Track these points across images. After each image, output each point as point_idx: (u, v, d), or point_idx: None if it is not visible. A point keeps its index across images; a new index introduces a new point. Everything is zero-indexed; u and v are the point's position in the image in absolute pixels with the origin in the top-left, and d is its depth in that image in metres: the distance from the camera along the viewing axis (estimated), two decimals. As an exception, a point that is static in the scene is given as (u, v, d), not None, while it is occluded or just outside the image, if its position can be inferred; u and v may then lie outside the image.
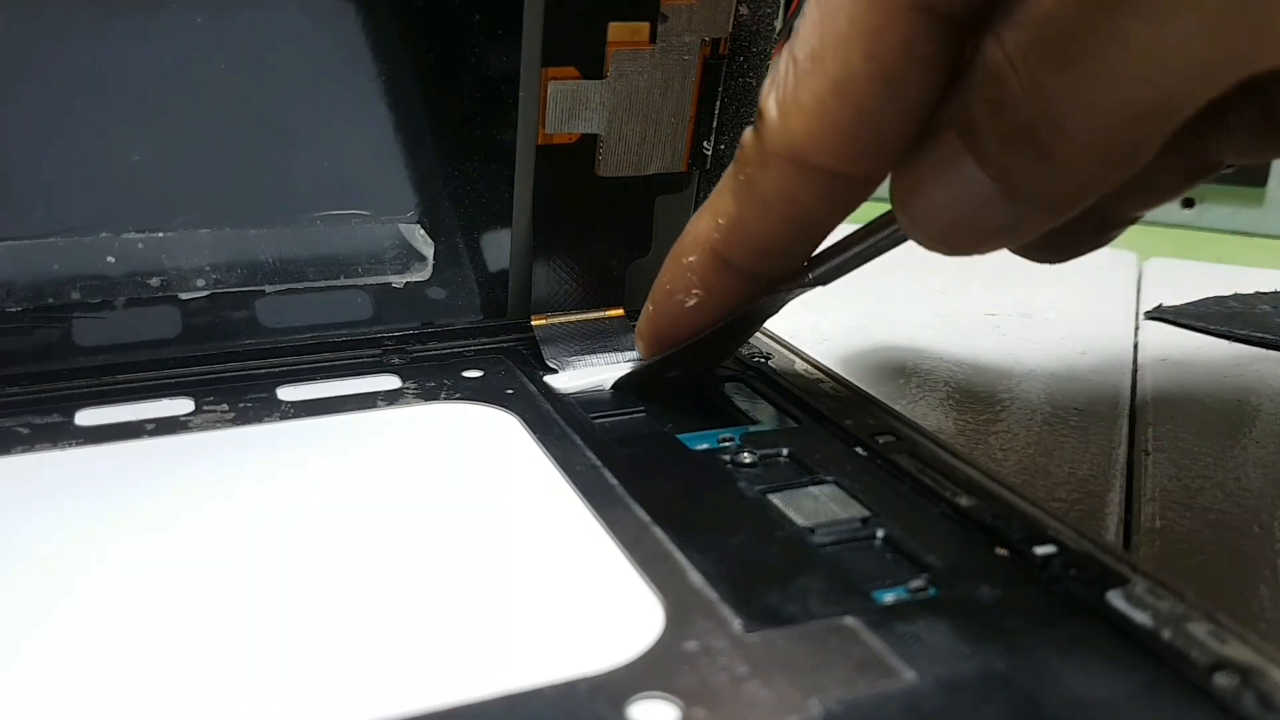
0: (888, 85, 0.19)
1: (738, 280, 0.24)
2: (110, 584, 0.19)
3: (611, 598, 0.18)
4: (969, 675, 0.16)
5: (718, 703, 0.16)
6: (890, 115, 0.20)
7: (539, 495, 0.22)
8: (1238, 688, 0.16)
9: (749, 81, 0.29)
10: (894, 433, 0.24)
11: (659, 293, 0.25)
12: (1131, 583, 0.18)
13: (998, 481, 0.22)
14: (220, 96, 0.25)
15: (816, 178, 0.21)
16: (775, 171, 0.21)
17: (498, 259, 0.29)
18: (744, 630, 0.17)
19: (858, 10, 0.19)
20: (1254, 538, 0.24)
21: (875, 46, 0.19)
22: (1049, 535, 0.20)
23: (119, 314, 0.26)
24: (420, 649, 0.17)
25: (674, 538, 0.20)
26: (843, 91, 0.19)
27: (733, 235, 0.23)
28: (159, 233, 0.26)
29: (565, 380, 0.27)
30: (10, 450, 0.23)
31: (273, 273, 0.27)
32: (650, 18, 0.27)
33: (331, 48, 0.26)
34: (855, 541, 0.20)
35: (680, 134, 0.29)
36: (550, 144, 0.28)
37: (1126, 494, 0.26)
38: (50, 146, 0.25)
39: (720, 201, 0.23)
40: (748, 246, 0.23)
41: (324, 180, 0.27)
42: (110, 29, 0.24)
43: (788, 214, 0.22)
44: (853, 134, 0.20)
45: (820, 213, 0.22)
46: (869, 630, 0.17)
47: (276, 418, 0.25)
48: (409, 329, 0.29)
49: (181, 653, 0.17)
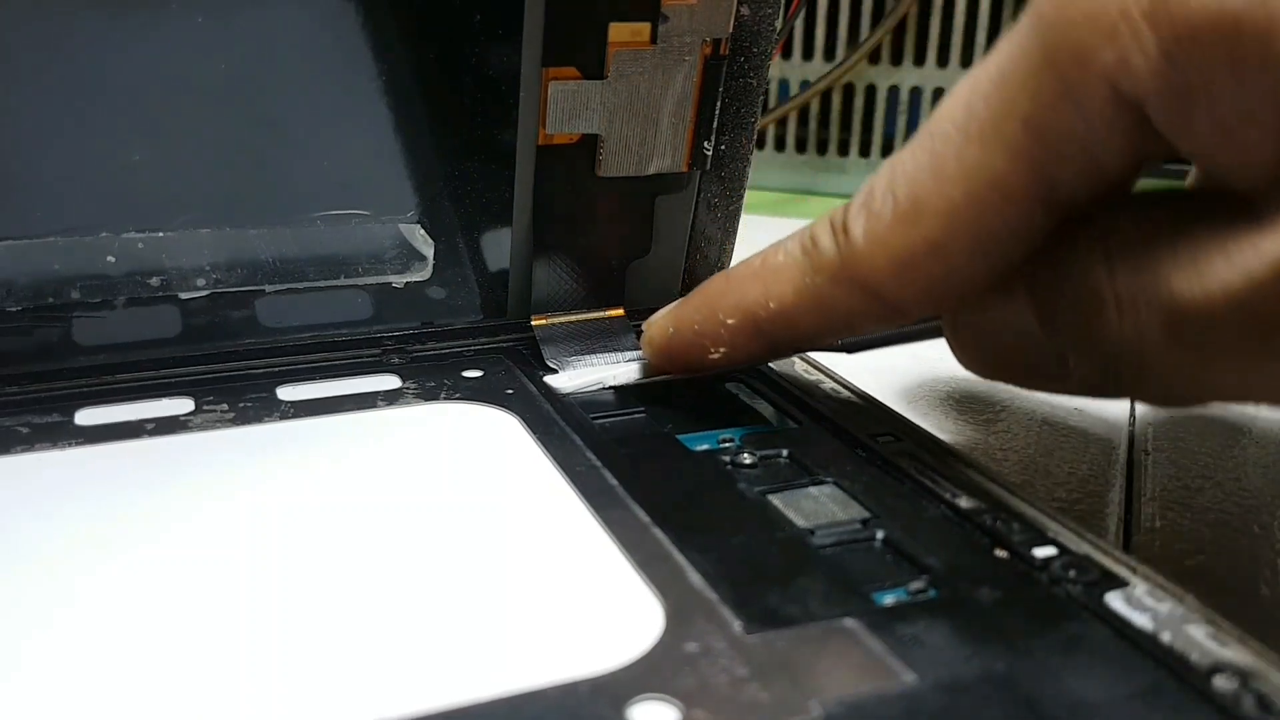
0: (985, 257, 0.19)
1: (767, 348, 0.24)
2: (110, 584, 0.19)
3: (611, 599, 0.18)
4: (969, 677, 0.16)
5: (718, 704, 0.16)
6: (976, 277, 0.20)
7: (539, 495, 0.22)
8: (1237, 690, 0.16)
9: (749, 82, 0.29)
10: (894, 433, 0.24)
11: (686, 330, 0.24)
12: (1131, 585, 0.18)
13: (998, 483, 0.22)
14: (220, 96, 0.25)
15: (884, 306, 0.21)
16: (845, 291, 0.21)
17: (498, 259, 0.29)
18: (744, 631, 0.17)
19: (977, 191, 0.19)
20: (1254, 538, 0.24)
21: (984, 224, 0.19)
22: (1049, 537, 0.20)
23: (119, 314, 0.26)
24: (420, 650, 0.17)
25: (674, 538, 0.20)
26: (937, 253, 0.19)
27: (781, 320, 0.22)
28: (159, 232, 0.26)
29: (565, 380, 0.27)
30: (10, 450, 0.23)
31: (273, 272, 0.27)
32: (651, 18, 0.27)
33: (331, 48, 0.26)
34: (855, 543, 0.20)
35: (681, 134, 0.29)
36: (551, 144, 0.28)
37: (1126, 494, 0.26)
38: (51, 146, 0.25)
39: (777, 285, 0.22)
40: (793, 333, 0.23)
41: (324, 180, 0.27)
42: (111, 29, 0.24)
43: (845, 323, 0.22)
44: (934, 287, 0.20)
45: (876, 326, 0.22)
46: (869, 632, 0.17)
47: (276, 418, 0.25)
48: (409, 329, 0.29)
49: (182, 653, 0.17)
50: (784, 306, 0.22)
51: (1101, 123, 0.17)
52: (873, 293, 0.20)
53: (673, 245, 0.31)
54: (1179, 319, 0.17)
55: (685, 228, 0.31)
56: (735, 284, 0.23)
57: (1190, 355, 0.18)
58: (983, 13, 0.49)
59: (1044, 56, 0.18)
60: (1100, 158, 0.18)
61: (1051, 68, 0.17)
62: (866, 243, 0.20)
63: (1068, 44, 0.17)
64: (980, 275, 0.20)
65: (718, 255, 0.31)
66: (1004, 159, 0.18)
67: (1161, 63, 0.16)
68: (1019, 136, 0.18)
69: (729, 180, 0.30)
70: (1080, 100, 0.17)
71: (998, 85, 0.18)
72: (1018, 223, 0.19)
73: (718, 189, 0.30)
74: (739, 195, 0.31)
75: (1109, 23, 0.17)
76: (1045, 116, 0.18)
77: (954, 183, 0.19)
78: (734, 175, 0.30)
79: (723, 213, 0.31)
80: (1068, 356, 0.20)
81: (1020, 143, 0.18)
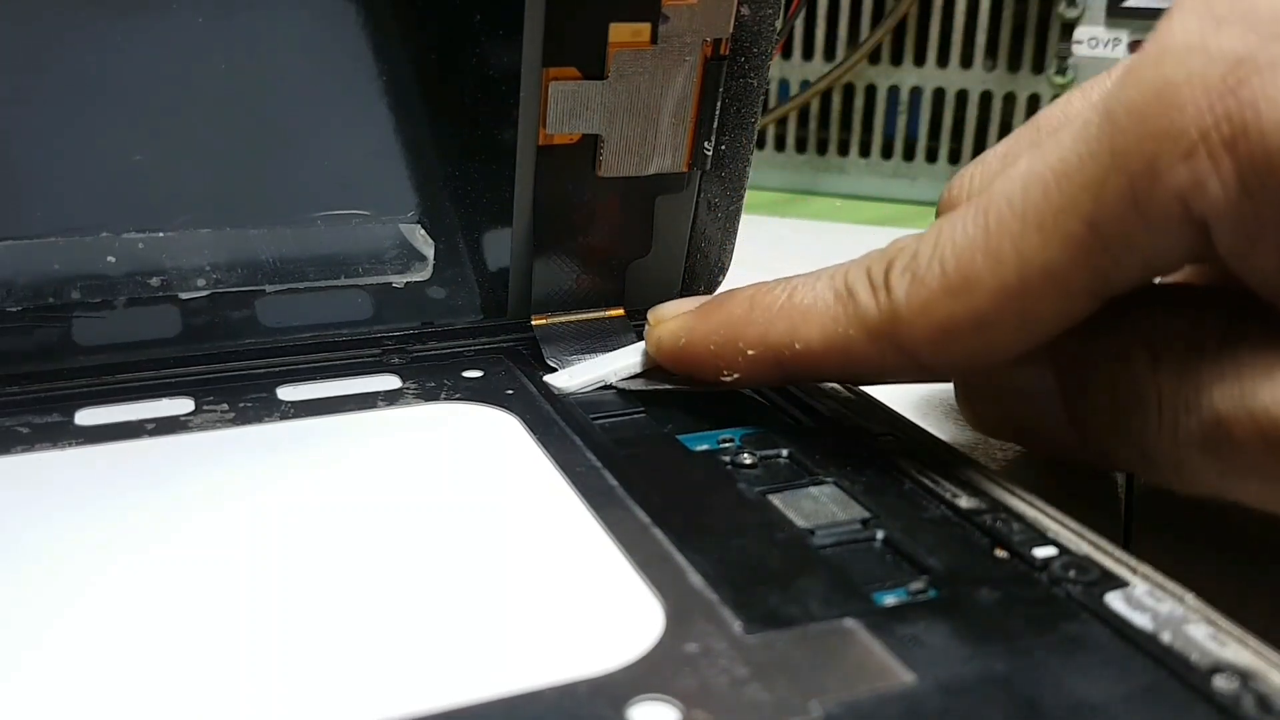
0: (1026, 335, 0.19)
1: (782, 379, 0.24)
2: (110, 584, 0.19)
3: (611, 599, 0.18)
4: (969, 677, 0.16)
5: (718, 705, 0.16)
6: (1013, 351, 0.20)
7: (539, 496, 0.22)
8: (1237, 690, 0.16)
9: (750, 82, 0.29)
10: (894, 433, 0.24)
11: (700, 346, 0.24)
12: (1131, 585, 0.18)
13: (998, 483, 0.22)
14: (221, 96, 0.25)
15: (917, 367, 0.21)
16: (879, 350, 0.21)
17: (498, 259, 0.29)
18: (744, 632, 0.17)
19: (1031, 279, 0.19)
20: (1254, 537, 0.24)
21: (1032, 308, 0.19)
22: (1049, 537, 0.20)
23: (119, 314, 0.26)
24: (420, 650, 0.17)
25: (674, 539, 0.20)
26: (982, 328, 0.19)
27: (806, 362, 0.22)
28: (159, 232, 0.26)
29: (565, 380, 0.27)
30: (10, 450, 0.23)
31: (273, 272, 0.27)
32: (651, 18, 0.27)
33: (332, 48, 0.26)
34: (855, 543, 0.20)
35: (681, 134, 0.29)
36: (551, 144, 0.28)
37: (1126, 494, 0.26)
38: (51, 146, 0.25)
39: (805, 328, 0.22)
40: (813, 375, 0.23)
41: (324, 180, 0.27)
42: (111, 29, 0.24)
43: (869, 374, 0.22)
44: (971, 357, 0.20)
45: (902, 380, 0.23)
46: (869, 632, 0.17)
47: (276, 418, 0.25)
48: (409, 329, 0.29)
49: (181, 653, 0.17)
50: (810, 350, 0.22)
51: (1164, 234, 0.18)
52: (907, 354, 0.21)
53: (673, 245, 0.31)
54: (1217, 430, 0.18)
55: (685, 228, 0.31)
56: (760, 314, 0.23)
57: (1223, 464, 0.18)
58: (983, 13, 0.49)
59: (1114, 163, 0.18)
60: (1155, 261, 0.18)
61: (1121, 175, 0.17)
62: (909, 308, 0.20)
63: (1142, 155, 0.17)
64: (1017, 350, 0.20)
65: (718, 255, 0.31)
66: (1062, 253, 0.18)
67: (1237, 192, 0.16)
68: (1080, 235, 0.18)
69: (729, 180, 0.30)
70: (1147, 212, 0.17)
71: (1060, 179, 0.18)
72: (1064, 309, 0.19)
73: (718, 189, 0.30)
74: (739, 195, 0.31)
75: (1188, 143, 0.17)
76: (1109, 221, 0.18)
77: (1009, 267, 0.19)
78: (734, 175, 0.30)
79: (723, 213, 0.31)
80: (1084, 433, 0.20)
81: (1081, 241, 0.18)
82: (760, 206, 0.51)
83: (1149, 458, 0.19)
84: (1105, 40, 0.47)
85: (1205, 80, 0.17)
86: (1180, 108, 0.17)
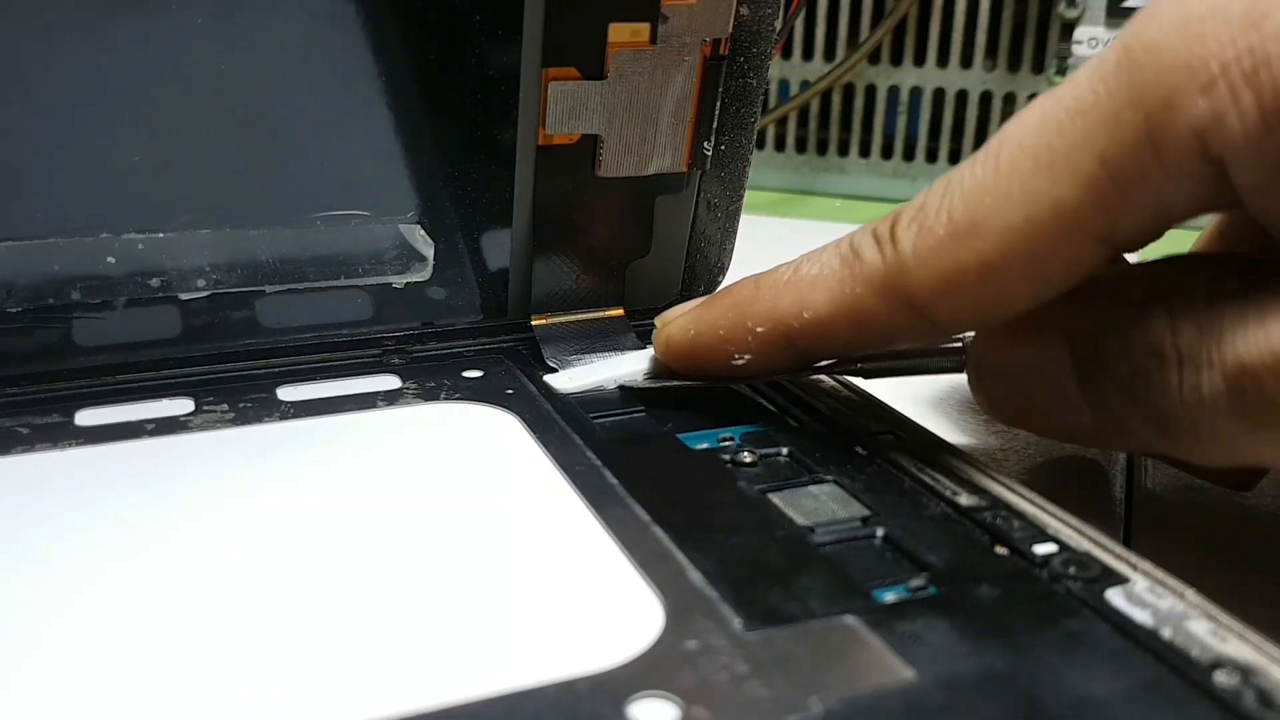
0: (1033, 284, 0.19)
1: (794, 359, 0.23)
2: (110, 584, 0.19)
3: (611, 597, 0.18)
4: (969, 674, 0.16)
5: (718, 701, 0.16)
6: (1020, 303, 0.20)
7: (539, 495, 0.22)
8: (1238, 686, 0.16)
9: (749, 82, 0.29)
10: (894, 432, 0.24)
11: (709, 334, 0.24)
12: (1131, 581, 0.18)
13: (998, 480, 0.22)
14: (221, 97, 0.25)
15: (925, 322, 0.21)
16: (887, 305, 0.21)
17: (498, 259, 0.29)
18: (744, 629, 0.17)
19: (1039, 219, 0.18)
20: (1254, 536, 0.24)
21: (1040, 252, 0.19)
22: (1049, 534, 0.20)
23: (119, 314, 0.26)
24: (420, 648, 0.17)
25: (674, 537, 0.20)
26: (988, 275, 0.19)
27: (812, 330, 0.22)
28: (159, 233, 0.26)
29: (565, 380, 0.27)
30: (10, 450, 0.23)
31: (273, 273, 0.27)
32: (650, 18, 0.27)
33: (332, 48, 0.26)
34: (855, 540, 0.20)
35: (680, 134, 0.29)
36: (550, 144, 0.28)
37: (1127, 493, 0.26)
38: (51, 147, 0.25)
39: (813, 295, 0.22)
40: (823, 345, 0.23)
41: (324, 180, 0.27)
42: (111, 29, 0.24)
43: (879, 336, 0.22)
44: (980, 309, 0.20)
45: (910, 341, 0.22)
46: (869, 629, 0.17)
47: (276, 418, 0.25)
48: (409, 329, 0.29)
49: (181, 652, 0.17)
50: (819, 317, 0.22)
51: (1179, 172, 0.17)
52: (916, 308, 0.20)
53: (673, 245, 0.31)
54: (1243, 380, 0.17)
55: (685, 228, 0.31)
56: (766, 292, 0.23)
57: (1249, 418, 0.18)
58: (983, 13, 0.49)
59: (1130, 97, 0.17)
60: (1169, 204, 0.18)
61: (1137, 109, 0.17)
62: (916, 257, 0.20)
63: (1159, 89, 0.17)
64: (1025, 301, 0.20)
65: (718, 255, 0.31)
66: (1072, 191, 0.18)
67: (1257, 126, 0.16)
68: (1092, 172, 0.18)
69: (729, 180, 0.30)
70: (1162, 147, 0.17)
71: (1074, 116, 0.18)
72: (1072, 254, 0.19)
73: (718, 189, 0.31)
74: (739, 195, 0.31)
75: (1208, 77, 0.16)
76: (1123, 157, 0.17)
77: (1016, 206, 0.18)
78: (734, 175, 0.30)
79: (723, 213, 0.31)
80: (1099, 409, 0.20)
81: (1092, 179, 0.18)
82: (760, 206, 0.51)
83: (1167, 425, 0.19)
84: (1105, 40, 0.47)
85: (1227, 14, 0.16)
86: (1201, 41, 0.17)
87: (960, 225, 0.19)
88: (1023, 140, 0.19)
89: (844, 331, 0.22)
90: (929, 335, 0.21)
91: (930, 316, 0.20)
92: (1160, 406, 0.19)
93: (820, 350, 0.23)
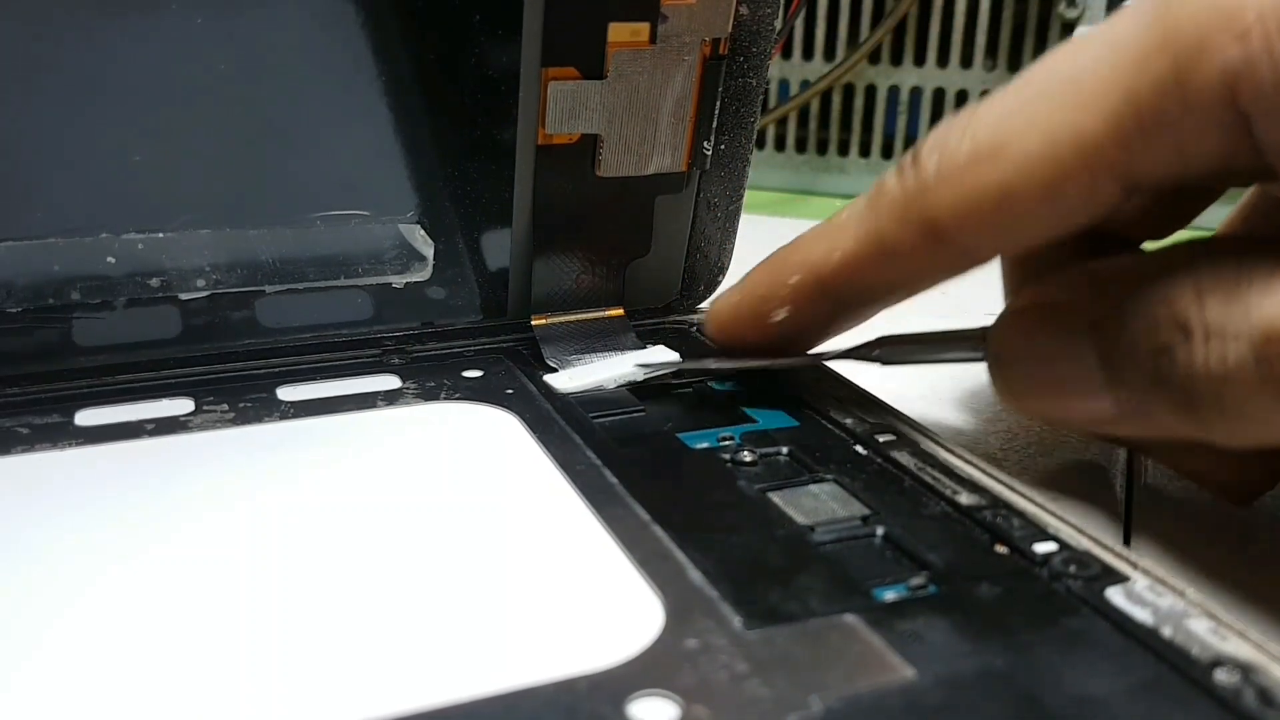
0: (1053, 212, 0.19)
1: (828, 310, 0.24)
2: (110, 584, 0.19)
3: (611, 596, 0.18)
4: (969, 672, 0.16)
5: (718, 700, 0.16)
6: (1041, 229, 0.20)
7: (539, 495, 0.22)
8: (1238, 684, 0.16)
9: (749, 82, 0.29)
10: (894, 431, 0.24)
11: (751, 296, 0.25)
12: (1131, 580, 0.18)
13: (998, 479, 0.22)
14: (221, 97, 0.25)
15: (947, 249, 0.21)
16: (910, 232, 0.21)
17: (498, 259, 0.29)
18: (744, 628, 0.17)
19: (1060, 146, 0.18)
20: (1254, 535, 0.24)
21: (1056, 182, 0.19)
22: (1049, 533, 0.20)
23: (119, 314, 0.26)
24: (420, 647, 0.17)
25: (674, 536, 0.20)
26: (1009, 198, 0.19)
27: (844, 271, 0.22)
28: (159, 233, 0.26)
29: (565, 380, 0.27)
30: (10, 450, 0.23)
31: (273, 273, 0.27)
32: (650, 18, 0.27)
33: (332, 48, 0.26)
34: (855, 539, 0.20)
35: (680, 134, 0.29)
36: (550, 144, 0.28)
37: (1127, 492, 0.26)
38: (51, 147, 0.25)
39: (841, 236, 0.22)
40: (855, 285, 0.23)
41: (324, 180, 0.27)
42: (111, 29, 0.24)
43: (907, 270, 0.22)
44: (1001, 233, 0.20)
45: (935, 275, 0.22)
46: (869, 628, 0.17)
47: (276, 418, 0.25)
48: (409, 329, 0.29)
49: (181, 651, 0.17)
50: (846, 255, 0.22)
51: (1204, 118, 0.17)
52: (934, 232, 0.20)
53: (673, 245, 0.31)
54: (1270, 348, 0.17)
55: (685, 228, 0.31)
56: (800, 244, 0.24)
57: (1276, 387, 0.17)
58: (982, 13, 0.49)
59: (1163, 37, 0.17)
60: (1188, 153, 0.18)
61: (1168, 50, 0.17)
62: (937, 178, 0.20)
63: (1193, 31, 0.17)
64: (1043, 230, 0.20)
65: (718, 255, 0.31)
66: (1095, 123, 0.18)
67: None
68: (1117, 106, 0.18)
69: (729, 180, 0.30)
70: (1189, 89, 0.17)
71: (1108, 51, 0.18)
72: (1087, 191, 0.19)
73: (718, 189, 0.31)
74: (739, 195, 0.31)
75: (1242, 24, 0.16)
76: (1149, 95, 0.17)
77: (1038, 132, 0.19)
78: (734, 175, 0.30)
79: (723, 213, 0.31)
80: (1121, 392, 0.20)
81: (1116, 113, 0.18)
82: (760, 206, 0.51)
83: (1192, 403, 0.19)
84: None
85: None
86: None
87: (983, 148, 0.19)
88: (1055, 69, 0.19)
89: (871, 268, 0.22)
90: (952, 265, 0.21)
91: (946, 239, 0.20)
92: (1185, 383, 0.18)
93: (852, 294, 0.23)
